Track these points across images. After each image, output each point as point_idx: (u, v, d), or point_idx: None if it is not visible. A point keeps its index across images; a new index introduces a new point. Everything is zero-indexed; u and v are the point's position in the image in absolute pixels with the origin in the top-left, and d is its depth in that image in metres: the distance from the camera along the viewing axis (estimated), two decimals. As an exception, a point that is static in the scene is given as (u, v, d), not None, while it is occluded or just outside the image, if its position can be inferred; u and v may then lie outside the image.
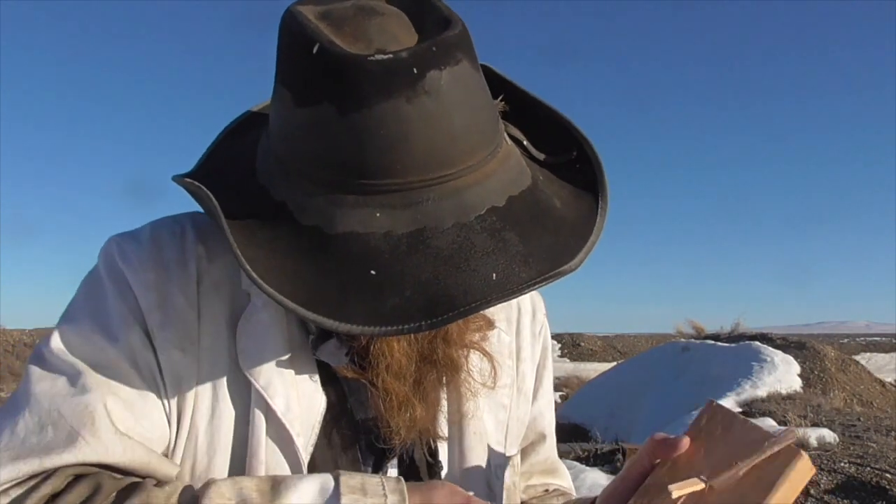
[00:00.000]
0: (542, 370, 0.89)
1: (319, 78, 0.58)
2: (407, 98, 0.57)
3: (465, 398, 0.75)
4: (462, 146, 0.61)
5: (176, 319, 0.66)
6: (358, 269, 0.59)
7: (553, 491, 0.95)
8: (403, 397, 0.68)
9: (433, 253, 0.59)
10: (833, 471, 4.79)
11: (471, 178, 0.61)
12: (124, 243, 0.69)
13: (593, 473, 4.90)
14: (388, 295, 0.58)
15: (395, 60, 0.57)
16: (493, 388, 0.77)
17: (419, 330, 0.57)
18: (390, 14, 0.63)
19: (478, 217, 0.61)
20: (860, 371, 10.10)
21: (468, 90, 0.61)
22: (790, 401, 7.63)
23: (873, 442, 5.56)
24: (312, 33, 0.59)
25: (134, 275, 0.67)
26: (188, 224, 0.72)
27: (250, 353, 0.67)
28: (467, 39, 0.62)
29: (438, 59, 0.58)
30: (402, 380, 0.68)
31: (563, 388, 15.46)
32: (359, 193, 0.60)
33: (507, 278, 0.59)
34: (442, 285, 0.58)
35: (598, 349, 29.70)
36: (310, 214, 0.61)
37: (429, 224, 0.59)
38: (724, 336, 11.51)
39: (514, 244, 0.61)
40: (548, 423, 0.93)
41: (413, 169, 0.59)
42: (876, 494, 4.45)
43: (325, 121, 0.59)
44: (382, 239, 0.59)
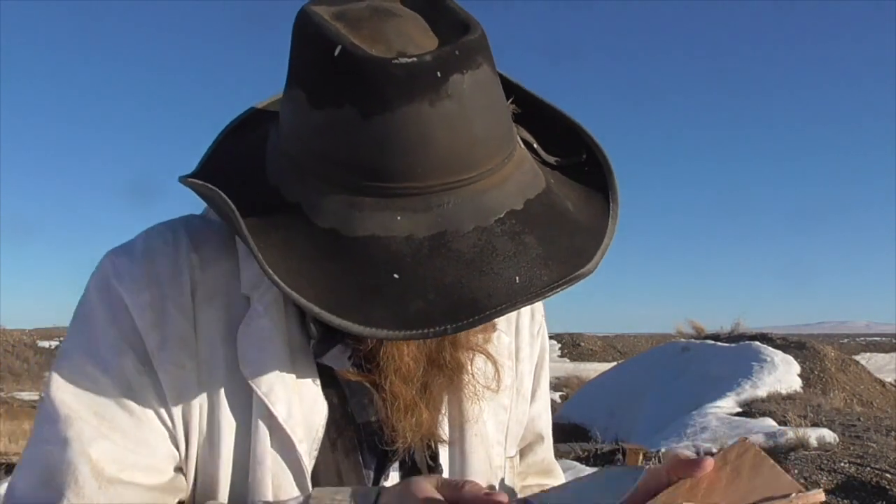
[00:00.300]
0: (539, 371, 0.89)
1: (341, 80, 0.58)
2: (430, 102, 0.57)
3: (468, 401, 0.75)
4: (482, 150, 0.61)
5: (174, 337, 0.66)
6: (380, 273, 0.58)
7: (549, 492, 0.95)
8: (410, 401, 0.68)
9: (455, 256, 0.59)
10: (833, 471, 4.80)
11: (489, 182, 0.61)
12: (118, 260, 0.69)
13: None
14: (411, 299, 0.57)
15: (419, 64, 0.56)
16: (496, 391, 0.77)
17: (444, 334, 0.57)
18: (406, 16, 0.63)
19: (497, 220, 0.61)
20: (860, 371, 10.10)
21: (488, 94, 0.61)
22: (790, 401, 7.64)
23: (873, 442, 5.56)
24: (333, 35, 0.58)
25: (130, 295, 0.66)
26: (182, 230, 0.71)
27: (252, 359, 0.66)
28: (487, 43, 0.62)
29: (461, 63, 0.58)
30: (410, 383, 0.68)
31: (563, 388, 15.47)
32: (378, 196, 0.59)
33: (529, 281, 0.59)
34: (465, 289, 0.58)
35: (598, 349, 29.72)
36: (326, 216, 0.61)
37: (449, 228, 0.59)
38: (724, 336, 11.52)
39: (533, 247, 0.61)
40: (545, 424, 0.94)
41: (434, 172, 0.59)
42: (876, 494, 4.46)
43: (345, 123, 0.59)
44: (404, 242, 0.59)
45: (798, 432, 5.56)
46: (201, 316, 0.67)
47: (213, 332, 0.67)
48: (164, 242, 0.70)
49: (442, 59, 0.57)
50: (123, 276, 0.67)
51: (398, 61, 0.56)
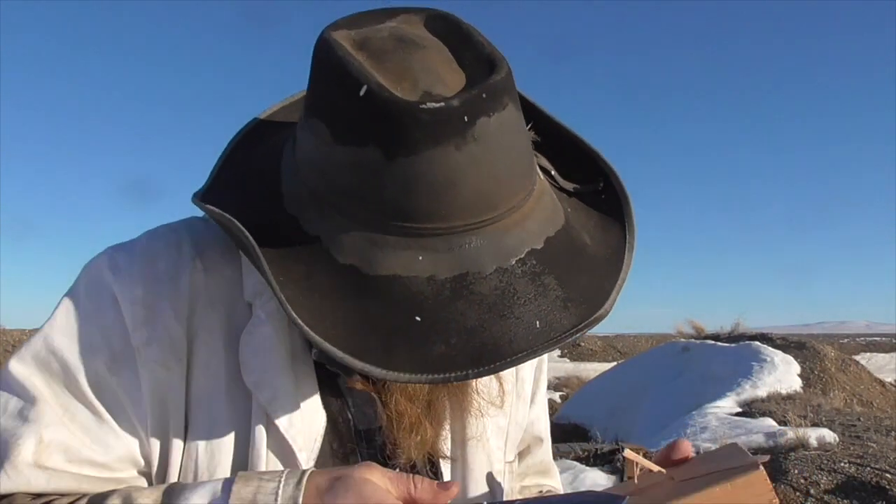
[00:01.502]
0: (538, 374, 0.90)
1: (366, 121, 0.57)
2: (456, 146, 0.56)
3: (472, 418, 0.75)
4: (505, 190, 0.61)
5: (162, 336, 0.65)
6: (402, 314, 0.58)
7: (547, 492, 0.96)
8: (415, 419, 0.68)
9: (477, 299, 0.59)
10: (833, 471, 4.79)
11: (511, 221, 0.61)
12: (116, 254, 0.68)
13: (593, 473, 4.90)
14: (433, 342, 0.57)
15: (446, 109, 0.56)
16: (500, 406, 0.77)
17: (465, 378, 0.57)
18: (430, 47, 0.62)
19: (518, 261, 0.61)
20: (860, 371, 10.09)
21: (512, 134, 0.61)
22: (790, 401, 7.63)
23: (873, 442, 5.55)
24: (357, 72, 0.57)
25: (122, 288, 0.66)
26: (185, 235, 0.71)
27: (254, 367, 0.66)
28: (512, 81, 0.61)
29: (488, 107, 0.57)
30: (416, 402, 0.68)
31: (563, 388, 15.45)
32: (400, 235, 0.59)
33: (549, 326, 0.59)
34: (487, 333, 0.58)
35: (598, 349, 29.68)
36: (347, 252, 0.60)
37: (471, 269, 0.59)
38: (724, 336, 11.50)
39: (553, 288, 0.61)
40: (544, 427, 0.94)
41: (458, 214, 0.59)
42: (876, 494, 4.45)
43: (369, 163, 0.58)
44: (426, 283, 0.59)
45: (798, 432, 5.55)
46: (200, 320, 0.67)
47: (214, 337, 0.67)
48: (167, 245, 0.69)
49: (469, 104, 0.56)
50: (120, 269, 0.67)
51: (426, 106, 0.55)
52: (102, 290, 0.66)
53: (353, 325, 0.58)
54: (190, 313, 0.67)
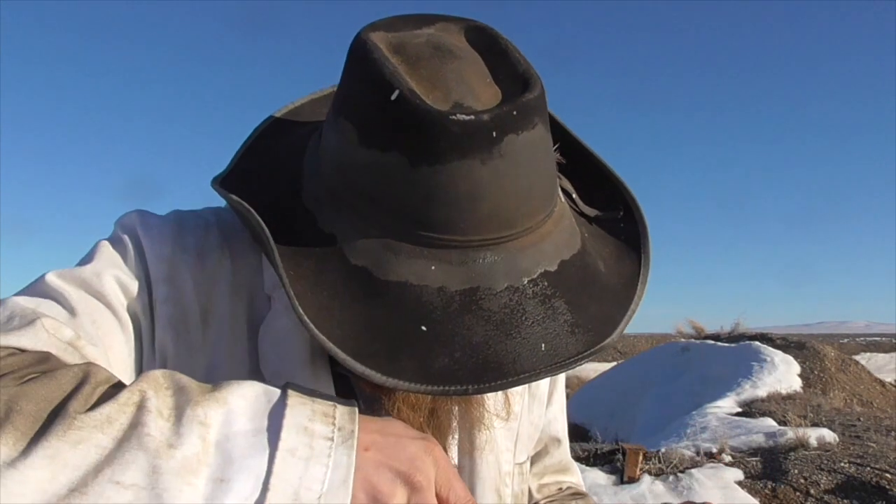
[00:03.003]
0: None
1: (394, 126, 0.57)
2: (482, 160, 0.56)
3: (478, 429, 0.75)
4: (525, 209, 0.60)
5: (177, 300, 0.66)
6: (409, 322, 0.58)
7: (566, 489, 0.97)
8: (417, 427, 0.67)
9: (485, 315, 0.58)
10: (833, 471, 4.79)
11: (528, 240, 0.61)
12: (147, 215, 0.69)
13: (593, 473, 4.90)
14: (437, 354, 0.57)
15: (475, 122, 0.55)
16: (506, 419, 0.77)
17: (465, 394, 0.57)
18: (466, 58, 0.61)
19: (530, 281, 0.60)
20: (860, 371, 10.09)
21: (538, 154, 0.60)
22: (790, 401, 7.63)
23: (873, 442, 5.55)
24: (390, 76, 0.57)
25: (150, 244, 0.67)
26: (213, 220, 0.71)
27: (271, 358, 0.66)
28: (544, 101, 0.61)
29: (518, 124, 0.57)
30: (418, 410, 0.68)
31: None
32: (415, 243, 0.59)
33: (555, 350, 0.59)
34: (492, 351, 0.57)
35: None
36: (360, 254, 0.60)
37: (482, 284, 0.59)
38: (724, 336, 11.50)
39: (562, 313, 0.61)
40: (561, 427, 0.94)
41: (476, 229, 0.58)
42: (876, 494, 4.45)
43: (392, 168, 0.58)
44: (436, 294, 0.58)
45: (798, 432, 5.55)
46: (220, 304, 0.67)
47: (238, 325, 0.68)
48: (196, 224, 0.70)
49: (499, 119, 0.56)
50: (150, 227, 0.68)
51: (455, 117, 0.55)
52: (134, 241, 0.67)
53: (358, 327, 0.58)
54: (210, 294, 0.67)
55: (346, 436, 0.52)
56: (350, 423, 0.53)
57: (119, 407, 0.48)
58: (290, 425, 0.51)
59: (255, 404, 0.52)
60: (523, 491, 0.85)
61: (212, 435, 0.49)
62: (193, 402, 0.50)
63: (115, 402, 0.48)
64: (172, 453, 0.47)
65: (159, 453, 0.46)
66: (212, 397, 0.51)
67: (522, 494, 0.84)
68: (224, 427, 0.50)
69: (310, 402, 0.53)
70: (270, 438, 0.50)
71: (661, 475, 4.83)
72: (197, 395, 0.51)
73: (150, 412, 0.48)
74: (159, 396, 0.50)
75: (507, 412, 0.77)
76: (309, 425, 0.52)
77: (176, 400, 0.50)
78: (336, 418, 0.53)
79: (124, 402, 0.48)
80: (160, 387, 0.51)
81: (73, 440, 0.45)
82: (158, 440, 0.47)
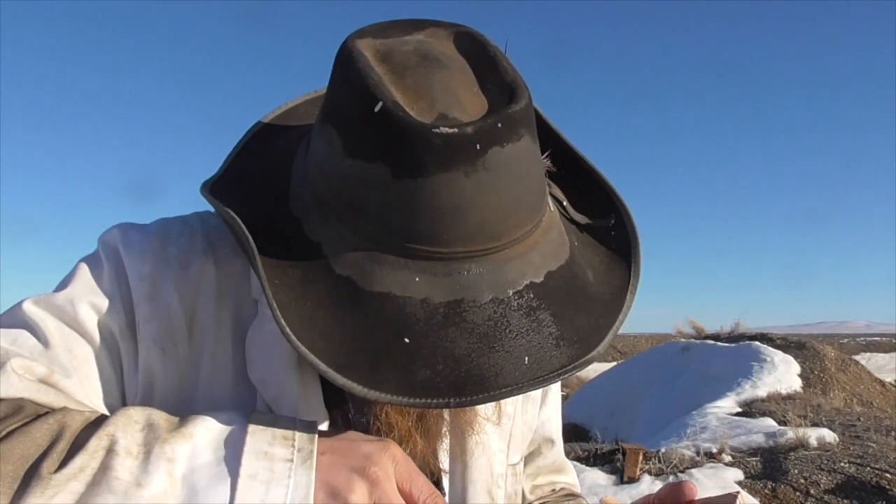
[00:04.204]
0: None
1: (378, 137, 0.56)
2: (465, 172, 0.56)
3: (468, 434, 0.75)
4: (511, 220, 0.60)
5: (162, 316, 0.66)
6: (392, 334, 0.57)
7: (560, 490, 0.96)
8: (406, 432, 0.67)
9: (468, 328, 0.58)
10: (833, 471, 4.79)
11: (514, 251, 0.60)
12: (129, 230, 0.69)
13: (593, 473, 4.90)
14: (419, 366, 0.56)
15: (459, 136, 0.55)
16: (497, 423, 0.77)
17: (447, 406, 0.57)
18: (453, 67, 0.61)
19: (516, 293, 0.60)
20: (860, 371, 10.09)
21: (524, 165, 0.60)
22: (790, 401, 7.63)
23: (873, 442, 5.55)
24: (375, 87, 0.56)
25: (131, 262, 0.67)
26: (198, 226, 0.71)
27: (258, 364, 0.66)
28: (531, 112, 0.60)
29: (502, 136, 0.56)
30: (406, 415, 0.68)
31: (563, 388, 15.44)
32: (399, 255, 0.58)
33: (538, 363, 0.58)
34: (474, 364, 0.57)
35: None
36: (345, 264, 0.59)
37: (467, 296, 0.58)
38: (724, 336, 11.50)
39: (547, 325, 0.60)
40: (555, 428, 0.94)
41: (460, 240, 0.58)
42: (876, 494, 4.45)
43: (375, 178, 0.57)
44: (419, 306, 0.58)
45: (798, 432, 5.55)
46: (205, 311, 0.67)
47: (223, 330, 0.67)
48: (180, 233, 0.70)
49: (483, 133, 0.55)
50: (132, 245, 0.68)
51: (438, 130, 0.54)
52: (115, 261, 0.67)
53: (341, 338, 0.58)
54: (195, 302, 0.67)
55: (305, 456, 0.56)
56: (309, 444, 0.57)
57: (89, 455, 0.53)
58: (250, 451, 0.55)
59: (220, 435, 0.56)
60: (517, 492, 0.84)
61: (178, 469, 0.53)
62: (161, 439, 0.54)
63: (85, 451, 0.53)
64: (140, 493, 0.51)
65: (128, 494, 0.51)
66: (178, 433, 0.55)
67: (516, 495, 0.84)
68: (190, 460, 0.54)
69: (270, 428, 0.57)
70: (231, 466, 0.54)
71: (661, 475, 4.83)
72: (165, 431, 0.55)
73: (119, 455, 0.53)
74: (128, 435, 0.55)
75: (499, 416, 0.77)
76: (269, 450, 0.55)
77: (145, 436, 0.55)
78: (295, 440, 0.57)
79: (94, 450, 0.53)
80: (130, 422, 0.56)
81: (50, 496, 0.50)
82: (127, 481, 0.52)
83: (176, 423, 0.57)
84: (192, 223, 0.72)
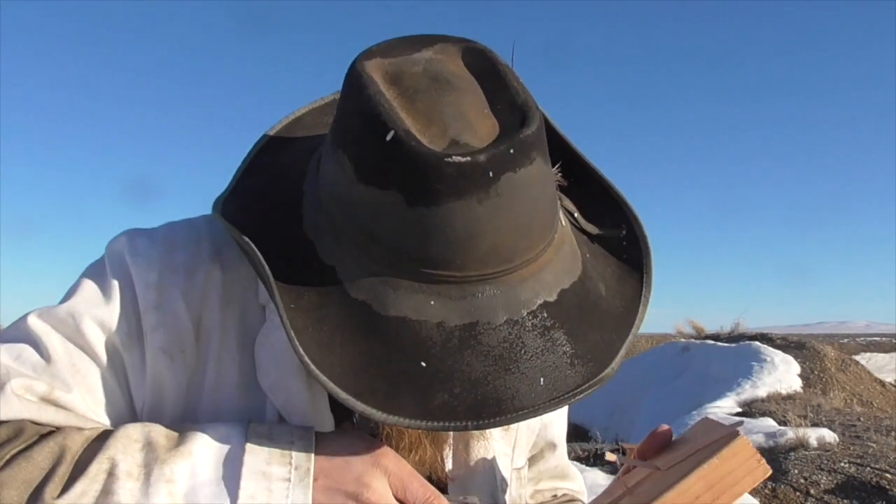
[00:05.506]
0: None
1: (390, 166, 0.56)
2: (478, 199, 0.56)
3: (475, 440, 0.75)
4: (525, 242, 0.60)
5: (169, 324, 0.66)
6: (409, 359, 0.58)
7: (562, 496, 0.95)
8: (415, 439, 0.67)
9: (484, 351, 0.58)
10: (833, 471, 4.79)
11: (527, 272, 0.60)
12: (136, 238, 0.69)
13: (593, 473, 4.91)
14: (437, 390, 0.57)
15: (472, 164, 0.55)
16: (505, 430, 0.77)
17: (465, 429, 0.57)
18: (464, 89, 0.60)
19: (530, 313, 0.60)
20: (860, 371, 10.09)
21: (537, 188, 0.60)
22: (790, 401, 7.63)
23: (873, 442, 5.55)
24: (386, 116, 0.56)
25: (138, 271, 0.67)
26: (205, 232, 0.71)
27: (268, 370, 0.66)
28: (543, 134, 0.60)
29: (515, 162, 0.56)
30: None
31: (563, 388, 15.37)
32: (414, 279, 0.58)
33: (554, 384, 0.59)
34: (491, 387, 0.57)
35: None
36: (360, 288, 0.60)
37: (482, 318, 0.59)
38: (724, 336, 11.50)
39: (561, 343, 0.60)
40: (558, 432, 0.93)
41: (474, 265, 0.58)
42: (876, 494, 4.45)
43: (388, 206, 0.57)
44: (435, 329, 0.58)
45: (798, 432, 5.55)
46: (212, 317, 0.67)
47: (229, 335, 0.67)
48: (187, 238, 0.70)
49: (496, 160, 0.55)
50: (138, 253, 0.68)
51: (451, 160, 0.54)
52: (121, 270, 0.67)
53: (359, 363, 0.58)
54: (202, 309, 0.67)
55: (302, 475, 0.58)
56: (306, 461, 0.59)
57: (90, 480, 0.55)
58: (248, 472, 0.57)
59: (218, 451, 0.59)
60: (521, 496, 0.84)
61: (178, 488, 0.56)
62: (160, 459, 0.57)
63: (86, 476, 0.55)
64: None
65: None
66: (177, 452, 0.57)
67: (521, 499, 0.84)
68: (190, 479, 0.56)
69: (267, 444, 0.60)
70: (231, 487, 0.57)
71: (661, 475, 4.82)
72: (164, 450, 0.57)
73: (119, 478, 0.55)
74: (128, 455, 0.57)
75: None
76: (266, 469, 0.58)
77: (145, 457, 0.57)
78: (293, 457, 0.59)
79: (94, 474, 0.55)
80: (130, 442, 0.58)
81: None
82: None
83: (175, 440, 0.59)
84: (199, 228, 0.71)
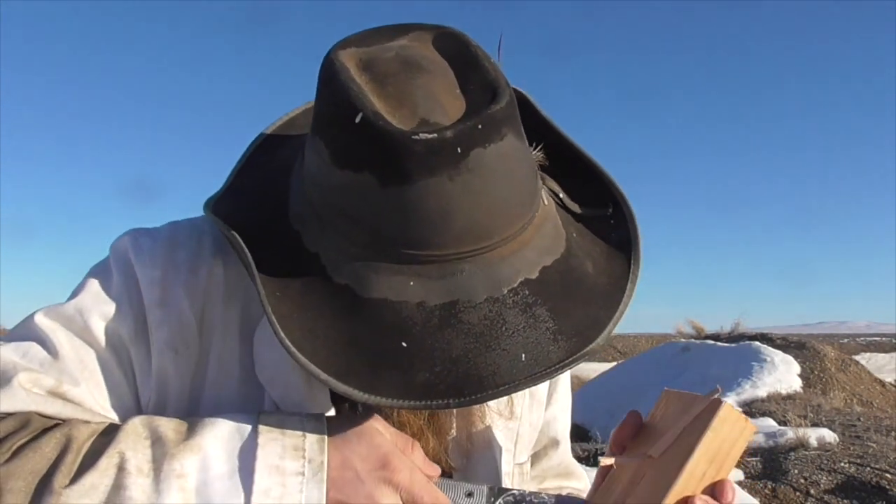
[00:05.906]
0: None
1: (361, 148, 0.57)
2: (449, 176, 0.56)
3: (478, 427, 0.75)
4: (501, 220, 0.60)
5: (174, 320, 0.67)
6: (390, 339, 0.58)
7: (567, 494, 0.95)
8: (417, 429, 0.68)
9: (464, 329, 0.58)
10: (833, 471, 4.79)
11: (507, 249, 0.61)
12: (139, 237, 0.70)
13: (593, 473, 4.89)
14: (418, 369, 0.57)
15: (439, 140, 0.55)
16: (509, 418, 0.78)
17: (447, 407, 0.58)
18: (435, 71, 0.61)
19: (510, 290, 0.60)
20: (860, 371, 10.09)
21: (511, 164, 0.60)
22: (790, 401, 7.63)
23: (873, 442, 5.55)
24: (356, 98, 0.57)
25: (142, 269, 0.68)
26: (207, 230, 0.72)
27: (266, 363, 0.67)
28: (513, 110, 0.60)
29: (483, 137, 0.57)
30: (417, 413, 0.68)
31: (563, 388, 15.39)
32: (394, 261, 0.59)
33: (536, 359, 0.59)
34: (472, 364, 0.57)
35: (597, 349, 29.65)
36: (342, 272, 0.60)
37: (462, 297, 0.59)
38: (724, 336, 11.50)
39: (544, 320, 0.60)
40: (561, 429, 0.93)
41: (451, 243, 0.58)
42: (876, 494, 4.45)
43: (363, 188, 0.58)
44: (415, 309, 0.59)
45: (798, 432, 5.55)
46: (214, 313, 0.68)
47: (230, 331, 0.68)
48: (189, 237, 0.71)
49: (464, 135, 0.56)
50: (142, 250, 0.69)
51: (418, 137, 0.55)
52: (125, 268, 0.68)
53: (341, 346, 0.59)
54: (205, 305, 0.68)
55: (315, 469, 0.58)
56: (319, 454, 0.59)
57: (100, 473, 0.55)
58: (262, 466, 0.57)
59: (230, 444, 0.58)
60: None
61: (190, 483, 0.56)
62: (169, 454, 0.56)
63: (96, 469, 0.55)
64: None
65: None
66: (186, 446, 0.57)
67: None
68: (201, 473, 0.56)
69: (280, 437, 0.59)
70: (245, 481, 0.57)
71: (661, 475, 4.82)
72: (172, 445, 0.57)
73: (130, 473, 0.55)
74: (137, 451, 0.56)
75: (510, 411, 0.77)
76: (280, 463, 0.58)
77: (154, 452, 0.57)
78: (306, 450, 0.59)
79: (104, 468, 0.55)
80: (139, 438, 0.58)
81: None
82: (140, 501, 0.54)
83: (183, 434, 0.59)
84: (201, 226, 0.73)
